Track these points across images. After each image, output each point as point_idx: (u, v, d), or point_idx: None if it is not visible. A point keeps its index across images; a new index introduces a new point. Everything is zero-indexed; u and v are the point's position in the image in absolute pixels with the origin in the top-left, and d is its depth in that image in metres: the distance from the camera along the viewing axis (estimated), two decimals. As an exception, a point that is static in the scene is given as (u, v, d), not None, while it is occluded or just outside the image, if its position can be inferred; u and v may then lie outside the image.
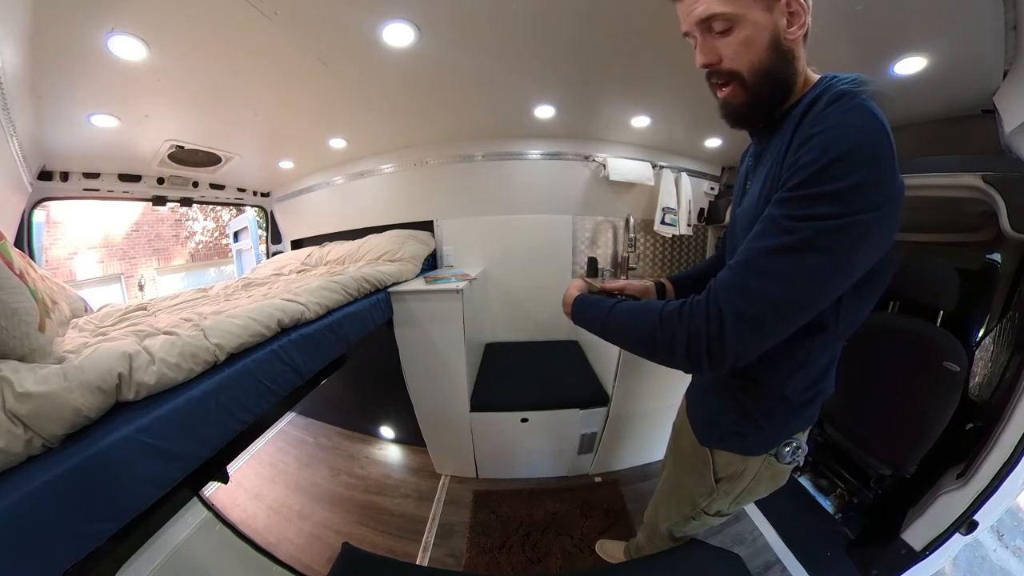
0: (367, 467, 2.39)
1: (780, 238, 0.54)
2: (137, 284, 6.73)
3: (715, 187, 3.03)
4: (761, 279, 0.55)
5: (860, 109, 0.55)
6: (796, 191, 0.54)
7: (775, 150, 0.64)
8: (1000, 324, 1.52)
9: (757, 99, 0.66)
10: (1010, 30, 1.25)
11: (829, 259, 0.54)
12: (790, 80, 0.66)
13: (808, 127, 0.56)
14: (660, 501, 1.17)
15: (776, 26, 0.62)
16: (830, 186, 0.52)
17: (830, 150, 0.53)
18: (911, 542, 1.39)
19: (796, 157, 0.56)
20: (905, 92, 1.68)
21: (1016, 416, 1.20)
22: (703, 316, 0.58)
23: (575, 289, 0.96)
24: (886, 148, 0.56)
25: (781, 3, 0.61)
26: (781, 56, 0.64)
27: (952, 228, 1.90)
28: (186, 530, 1.48)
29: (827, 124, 0.54)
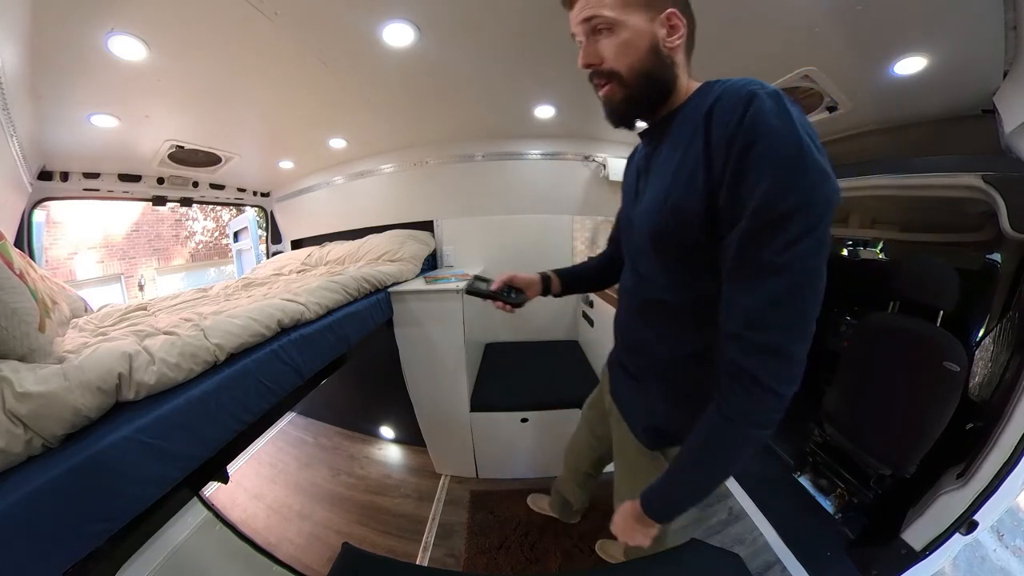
0: (367, 467, 2.39)
1: (775, 283, 0.54)
2: (137, 284, 6.73)
3: (715, 187, 3.03)
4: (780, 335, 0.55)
5: (785, 111, 0.54)
6: (764, 215, 0.53)
7: (679, 151, 0.67)
8: (1000, 324, 1.52)
9: (634, 97, 0.71)
10: (1010, 30, 1.25)
11: (819, 272, 0.54)
12: (668, 83, 0.72)
13: (736, 134, 0.55)
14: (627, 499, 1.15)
15: (655, 34, 0.68)
16: (794, 198, 0.52)
17: (780, 161, 0.52)
18: (911, 542, 1.39)
19: (734, 166, 0.55)
20: (905, 92, 1.68)
21: (1016, 416, 1.20)
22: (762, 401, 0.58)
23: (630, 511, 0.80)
24: (816, 140, 0.54)
25: (662, 16, 0.68)
26: (660, 60, 0.70)
27: (952, 228, 1.90)
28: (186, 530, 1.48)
29: (764, 129, 0.53)
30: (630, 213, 0.83)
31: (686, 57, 0.74)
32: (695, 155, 0.62)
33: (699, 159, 0.61)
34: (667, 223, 0.67)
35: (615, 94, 0.71)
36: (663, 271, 0.73)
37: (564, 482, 1.60)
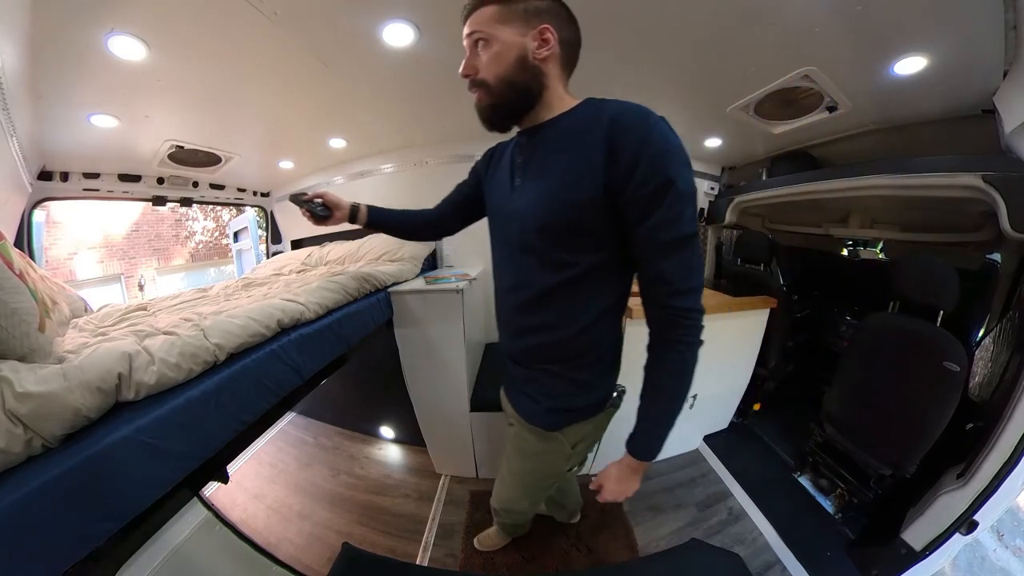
0: (367, 467, 2.38)
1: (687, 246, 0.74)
2: (137, 284, 6.73)
3: (715, 187, 3.03)
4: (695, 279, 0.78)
5: (671, 129, 0.72)
6: (677, 206, 0.70)
7: (565, 154, 0.77)
8: (1000, 324, 1.52)
9: (498, 104, 0.81)
10: (1010, 30, 1.25)
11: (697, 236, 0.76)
12: (534, 91, 0.80)
13: (641, 146, 0.69)
14: (522, 489, 1.22)
15: (525, 47, 0.77)
16: (690, 191, 0.71)
17: (671, 163, 0.69)
18: (911, 542, 1.39)
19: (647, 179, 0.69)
20: (905, 92, 1.68)
21: (1016, 416, 1.20)
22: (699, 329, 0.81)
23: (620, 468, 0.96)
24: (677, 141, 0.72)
25: (534, 31, 0.77)
26: (526, 70, 0.78)
27: (952, 228, 1.90)
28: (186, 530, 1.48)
29: (665, 143, 0.70)
30: (505, 208, 0.90)
31: (562, 70, 0.82)
32: (590, 158, 0.73)
33: (595, 162, 0.72)
34: (560, 214, 0.77)
35: (482, 101, 0.82)
36: (553, 258, 0.81)
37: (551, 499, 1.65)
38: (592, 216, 0.74)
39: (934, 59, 1.47)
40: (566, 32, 0.80)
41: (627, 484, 0.94)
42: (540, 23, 0.77)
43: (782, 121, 2.18)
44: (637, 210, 0.72)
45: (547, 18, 0.78)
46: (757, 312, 2.26)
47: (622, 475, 0.93)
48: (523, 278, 0.87)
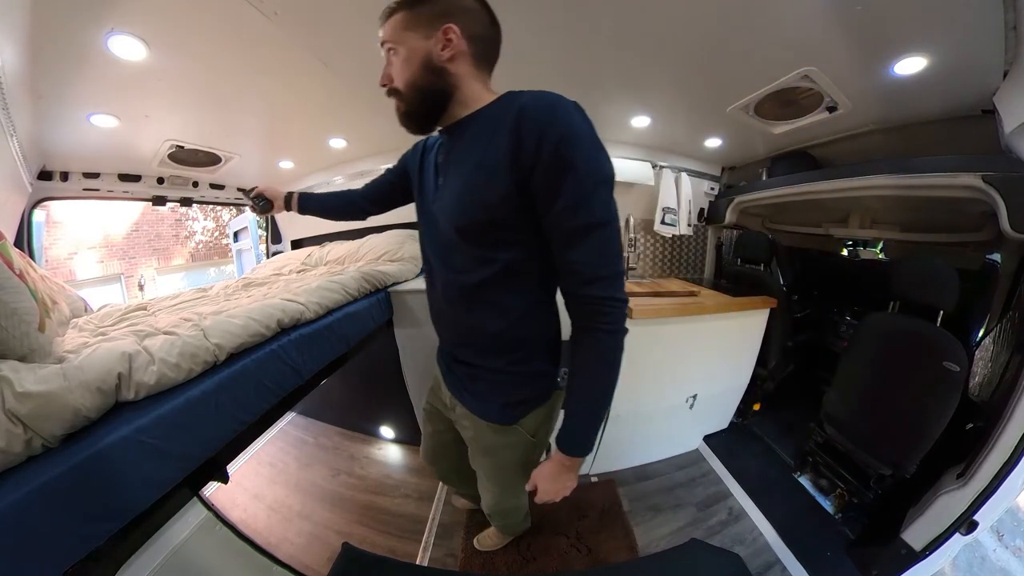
0: (367, 467, 2.38)
1: (601, 232, 0.72)
2: (137, 284, 6.73)
3: (715, 187, 3.03)
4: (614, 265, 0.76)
5: (582, 112, 0.71)
6: (584, 190, 0.69)
7: (479, 148, 0.76)
8: (1000, 324, 1.53)
9: (411, 110, 0.82)
10: (1010, 30, 1.25)
11: (617, 217, 0.74)
12: (444, 93, 0.80)
13: (545, 135, 0.68)
14: (504, 487, 1.24)
15: (430, 51, 0.77)
16: (600, 175, 0.71)
17: (574, 148, 0.68)
18: (911, 542, 1.39)
19: (553, 168, 0.68)
20: (905, 92, 1.68)
21: (1016, 416, 1.20)
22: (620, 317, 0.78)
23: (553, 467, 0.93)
24: (596, 137, 0.71)
25: (438, 33, 0.76)
26: (433, 73, 0.78)
27: (952, 228, 1.90)
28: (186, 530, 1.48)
29: (572, 127, 0.68)
30: (430, 208, 0.91)
31: (476, 67, 0.81)
32: (500, 151, 0.72)
33: (505, 154, 0.71)
34: (475, 212, 0.77)
35: (399, 108, 0.83)
36: (477, 256, 0.82)
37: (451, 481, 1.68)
38: (506, 211, 0.74)
39: (934, 59, 1.47)
40: (476, 28, 0.79)
41: (561, 482, 0.92)
42: (444, 23, 0.76)
43: (782, 121, 2.18)
44: (543, 198, 0.71)
45: (452, 18, 0.77)
46: (757, 312, 2.26)
47: (555, 473, 0.91)
48: (451, 278, 0.89)
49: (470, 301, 0.88)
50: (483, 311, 0.88)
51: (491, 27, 0.83)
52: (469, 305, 0.88)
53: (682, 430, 2.39)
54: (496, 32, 0.85)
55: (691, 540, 1.63)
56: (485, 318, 0.88)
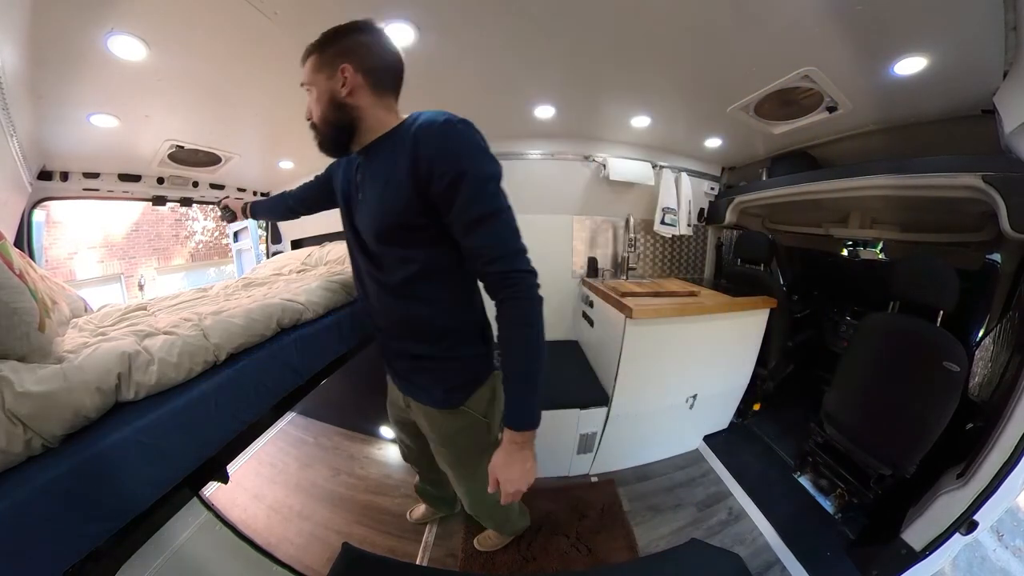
0: (367, 467, 2.38)
1: (497, 220, 0.84)
2: (137, 284, 6.73)
3: (715, 187, 3.03)
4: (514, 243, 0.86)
5: (467, 123, 0.85)
6: (473, 188, 0.81)
7: (387, 165, 0.89)
8: (1000, 324, 1.53)
9: (325, 141, 0.95)
10: (1010, 30, 1.25)
11: (508, 205, 0.86)
12: (350, 123, 0.92)
13: (437, 150, 0.82)
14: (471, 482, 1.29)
15: (334, 89, 0.89)
16: (485, 172, 0.83)
17: (460, 157, 0.81)
18: (911, 542, 1.39)
19: (447, 175, 0.81)
20: (905, 92, 1.68)
21: (1016, 416, 1.20)
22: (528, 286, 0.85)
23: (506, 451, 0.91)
24: (481, 141, 0.85)
25: (336, 74, 0.89)
26: (338, 108, 0.90)
27: (952, 228, 1.90)
28: (186, 530, 1.48)
29: (457, 137, 0.82)
30: (354, 222, 1.02)
31: (376, 96, 0.92)
32: (403, 165, 0.84)
33: (406, 167, 0.84)
34: (388, 220, 0.90)
35: (316, 139, 0.96)
36: (399, 257, 0.94)
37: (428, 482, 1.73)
38: (413, 216, 0.87)
39: (934, 59, 1.47)
40: (371, 62, 0.91)
41: (517, 464, 0.90)
42: (341, 64, 0.88)
43: (782, 121, 2.18)
44: (443, 203, 0.83)
45: (347, 57, 0.89)
46: (757, 312, 2.26)
47: (508, 455, 0.91)
48: (380, 280, 1.00)
49: (398, 298, 0.99)
50: (411, 306, 0.98)
51: (388, 57, 0.94)
52: (398, 302, 1.00)
53: (682, 430, 2.39)
54: (394, 60, 0.96)
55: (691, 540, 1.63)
56: (414, 312, 0.99)
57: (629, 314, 1.89)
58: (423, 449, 1.31)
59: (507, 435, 0.89)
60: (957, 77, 1.51)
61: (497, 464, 0.91)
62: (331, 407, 2.80)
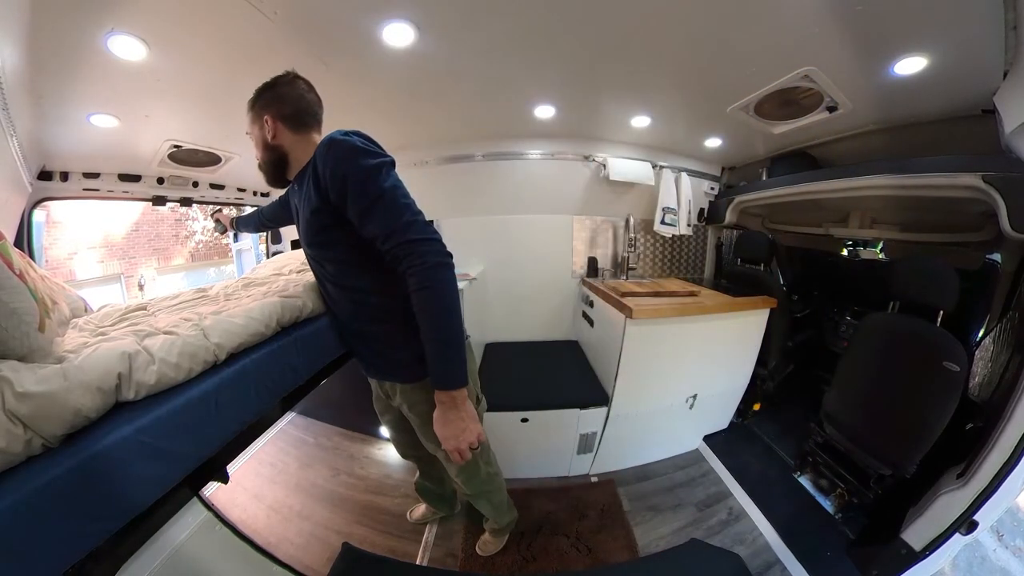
0: (367, 467, 2.38)
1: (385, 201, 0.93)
2: (137, 284, 6.73)
3: (715, 187, 3.04)
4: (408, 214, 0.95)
5: (349, 135, 0.98)
6: (360, 181, 0.94)
7: (307, 186, 1.04)
8: (1000, 324, 1.53)
9: (267, 174, 1.16)
10: (1010, 30, 1.25)
11: (397, 184, 0.97)
12: (281, 159, 1.13)
13: (325, 164, 0.96)
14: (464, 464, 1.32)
15: (263, 136, 1.11)
16: (365, 166, 0.94)
17: (340, 164, 0.95)
18: (911, 542, 1.39)
19: (335, 182, 0.95)
20: (905, 92, 1.68)
21: (1016, 416, 1.20)
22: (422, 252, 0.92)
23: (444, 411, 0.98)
24: (359, 143, 0.97)
25: (264, 123, 1.10)
26: (269, 150, 1.12)
27: (952, 228, 1.90)
28: (186, 530, 1.48)
29: (332, 154, 0.96)
30: (301, 227, 1.15)
31: (296, 134, 1.12)
32: (310, 185, 1.01)
33: (312, 185, 1.00)
34: (310, 228, 1.06)
35: (262, 175, 1.17)
36: (328, 257, 1.11)
37: (427, 479, 1.78)
38: (326, 221, 1.01)
39: (934, 59, 1.47)
40: (285, 110, 1.10)
41: (455, 423, 0.96)
42: (264, 114, 1.10)
43: (782, 121, 2.18)
44: (341, 203, 0.96)
45: (268, 109, 1.10)
46: (757, 312, 2.26)
47: (443, 415, 0.97)
48: (325, 278, 1.17)
49: (342, 290, 1.14)
50: (353, 295, 1.13)
51: (301, 103, 1.13)
52: (343, 293, 1.15)
53: (682, 430, 2.39)
54: (307, 104, 1.15)
55: (691, 540, 1.63)
56: (357, 299, 1.13)
57: (629, 314, 1.89)
58: (415, 440, 1.35)
59: (436, 396, 0.96)
60: (957, 77, 1.51)
61: (436, 425, 0.98)
62: (331, 407, 2.80)
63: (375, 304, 1.12)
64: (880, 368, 1.81)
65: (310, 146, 1.09)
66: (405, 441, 1.52)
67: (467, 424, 0.96)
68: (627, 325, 1.91)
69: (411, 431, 1.33)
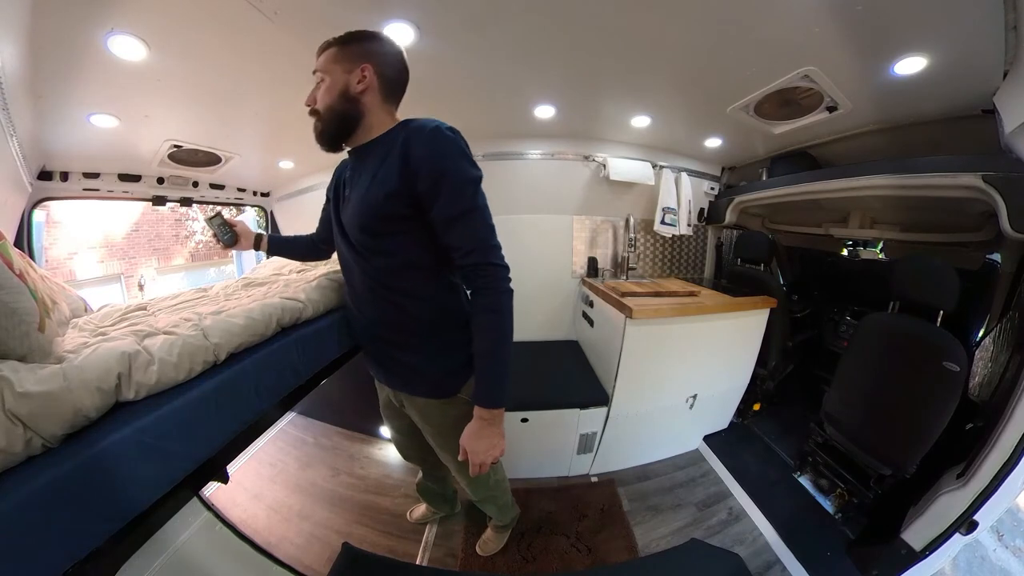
0: (367, 467, 2.38)
1: (475, 217, 0.92)
2: (137, 284, 6.73)
3: (715, 187, 3.04)
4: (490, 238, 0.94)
5: (455, 132, 0.93)
6: (456, 187, 0.90)
7: (382, 165, 0.95)
8: (1000, 324, 1.53)
9: (327, 127, 1.00)
10: (1010, 30, 1.25)
11: (486, 205, 0.95)
12: (354, 118, 0.99)
13: (424, 151, 0.89)
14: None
15: (347, 82, 0.97)
16: (467, 175, 0.91)
17: (444, 159, 0.90)
18: (911, 542, 1.39)
19: (432, 174, 0.89)
20: (905, 92, 1.68)
21: (1016, 416, 1.20)
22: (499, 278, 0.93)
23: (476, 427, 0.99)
24: (464, 147, 0.94)
25: (356, 70, 0.97)
26: (347, 101, 0.97)
27: (952, 228, 1.90)
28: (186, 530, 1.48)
29: (435, 145, 0.90)
30: (341, 218, 1.06)
31: (383, 100, 1.01)
32: (393, 163, 0.92)
33: (397, 165, 0.91)
34: (371, 210, 0.95)
35: (316, 128, 1.01)
36: (383, 251, 1.00)
37: (430, 480, 1.78)
38: (397, 207, 0.93)
39: (934, 59, 1.47)
40: (388, 71, 1.00)
41: (487, 439, 0.97)
42: (363, 62, 0.97)
43: (782, 121, 2.18)
44: (427, 199, 0.91)
45: (369, 59, 0.97)
46: (757, 312, 2.26)
47: (478, 430, 0.98)
48: (364, 277, 1.05)
49: (381, 290, 1.04)
50: (396, 298, 1.04)
51: (401, 72, 1.04)
52: (383, 295, 1.05)
53: (682, 430, 2.39)
54: (405, 76, 1.05)
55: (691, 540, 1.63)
56: (399, 304, 1.04)
57: (629, 314, 1.89)
58: (423, 444, 1.34)
59: (477, 411, 0.97)
60: (957, 77, 1.51)
61: (467, 437, 0.98)
62: (331, 407, 2.80)
63: (411, 312, 1.04)
64: (880, 368, 1.81)
65: (388, 121, 1.01)
66: (411, 445, 1.49)
67: (497, 441, 0.98)
68: (627, 325, 1.91)
69: (419, 437, 1.32)
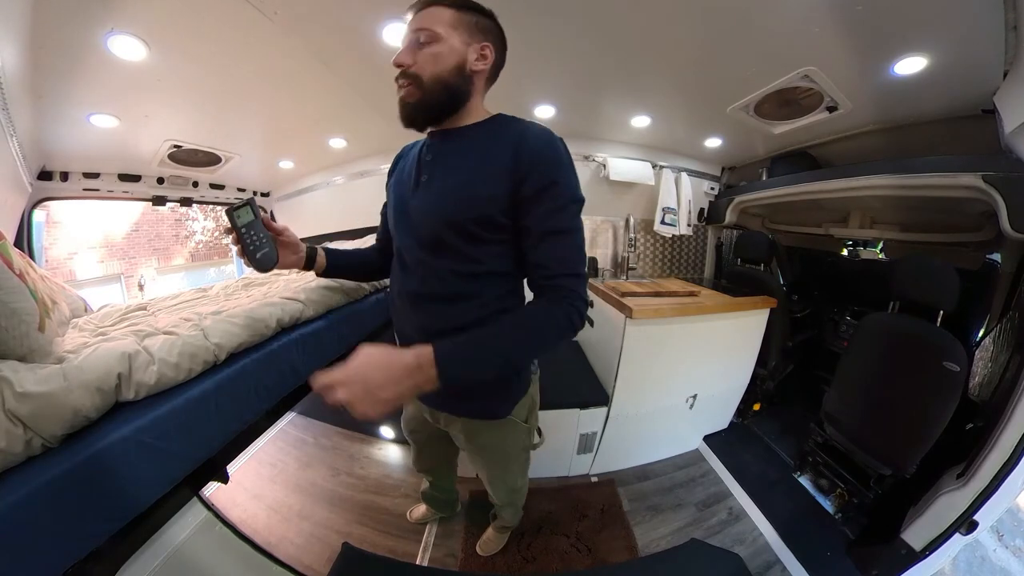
0: (367, 467, 2.38)
1: (570, 237, 0.84)
2: (137, 284, 6.72)
3: (715, 187, 3.04)
4: (579, 266, 0.85)
5: (566, 148, 0.85)
6: (561, 202, 0.82)
7: (474, 156, 0.86)
8: (1000, 324, 1.53)
9: (427, 101, 0.85)
10: (1010, 30, 1.25)
11: (582, 228, 0.87)
12: (461, 97, 0.88)
13: (536, 154, 0.81)
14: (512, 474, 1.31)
15: (466, 56, 0.85)
16: (573, 194, 0.84)
17: (558, 170, 0.82)
18: (911, 542, 1.39)
19: (541, 181, 0.81)
20: (905, 92, 1.68)
21: (1016, 416, 1.20)
22: (576, 310, 0.82)
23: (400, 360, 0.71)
24: (572, 165, 0.85)
25: (477, 45, 0.86)
26: (461, 76, 0.86)
27: (952, 228, 1.90)
28: (186, 530, 1.48)
29: (551, 152, 0.83)
30: (409, 202, 0.92)
31: (485, 86, 0.93)
32: (500, 162, 0.82)
33: (504, 164, 0.82)
34: (467, 207, 0.83)
35: (411, 96, 0.86)
36: (460, 250, 0.86)
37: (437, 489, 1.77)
38: (494, 209, 0.82)
39: (934, 59, 1.47)
40: (499, 56, 0.92)
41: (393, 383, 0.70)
42: (484, 40, 0.87)
43: (782, 121, 2.18)
44: (527, 202, 0.82)
45: (491, 38, 0.88)
46: (757, 312, 2.26)
47: (394, 367, 0.70)
48: (433, 268, 0.89)
49: (451, 292, 0.89)
50: (463, 303, 0.89)
51: (503, 60, 0.95)
52: (450, 297, 0.89)
53: (682, 430, 2.39)
54: (502, 66, 0.96)
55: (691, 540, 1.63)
56: (464, 312, 0.89)
57: (629, 314, 1.88)
58: (437, 456, 1.34)
59: (419, 349, 0.71)
60: (957, 77, 1.51)
61: (370, 362, 0.71)
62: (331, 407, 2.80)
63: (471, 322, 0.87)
64: (880, 368, 1.81)
65: (479, 111, 0.92)
66: (428, 456, 1.46)
67: (395, 396, 0.70)
68: (627, 325, 1.91)
69: (438, 449, 1.27)
